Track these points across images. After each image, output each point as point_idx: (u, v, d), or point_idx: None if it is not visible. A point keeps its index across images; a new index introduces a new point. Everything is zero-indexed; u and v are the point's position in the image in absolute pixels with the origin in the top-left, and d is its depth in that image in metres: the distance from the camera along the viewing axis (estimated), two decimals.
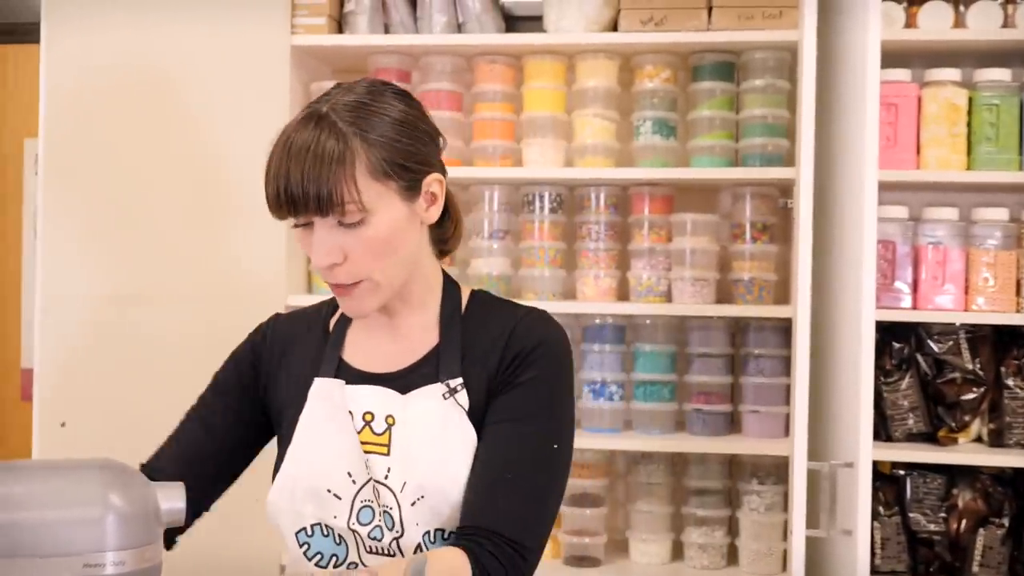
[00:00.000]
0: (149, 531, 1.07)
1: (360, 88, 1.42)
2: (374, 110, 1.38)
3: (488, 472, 1.39)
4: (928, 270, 2.59)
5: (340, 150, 1.33)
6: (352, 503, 1.42)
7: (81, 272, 2.75)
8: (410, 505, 1.40)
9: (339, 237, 1.36)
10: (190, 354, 2.73)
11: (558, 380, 1.46)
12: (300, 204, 1.34)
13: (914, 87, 2.59)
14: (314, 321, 1.58)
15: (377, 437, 1.45)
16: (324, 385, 1.49)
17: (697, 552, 2.74)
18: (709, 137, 2.73)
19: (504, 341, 1.45)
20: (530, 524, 1.39)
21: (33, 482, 1.04)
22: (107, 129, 2.76)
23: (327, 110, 1.37)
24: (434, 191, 1.44)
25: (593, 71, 2.75)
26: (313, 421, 1.48)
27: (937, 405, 2.65)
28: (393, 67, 2.83)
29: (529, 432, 1.42)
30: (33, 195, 3.55)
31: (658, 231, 2.77)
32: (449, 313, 1.50)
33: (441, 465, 1.41)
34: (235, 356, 1.61)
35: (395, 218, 1.38)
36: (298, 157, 1.34)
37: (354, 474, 1.43)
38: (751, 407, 2.73)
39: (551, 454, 1.43)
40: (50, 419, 2.73)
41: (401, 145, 1.38)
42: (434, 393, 1.44)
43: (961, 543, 2.61)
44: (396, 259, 1.41)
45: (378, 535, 1.41)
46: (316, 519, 1.44)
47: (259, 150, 2.75)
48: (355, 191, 1.33)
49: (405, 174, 1.38)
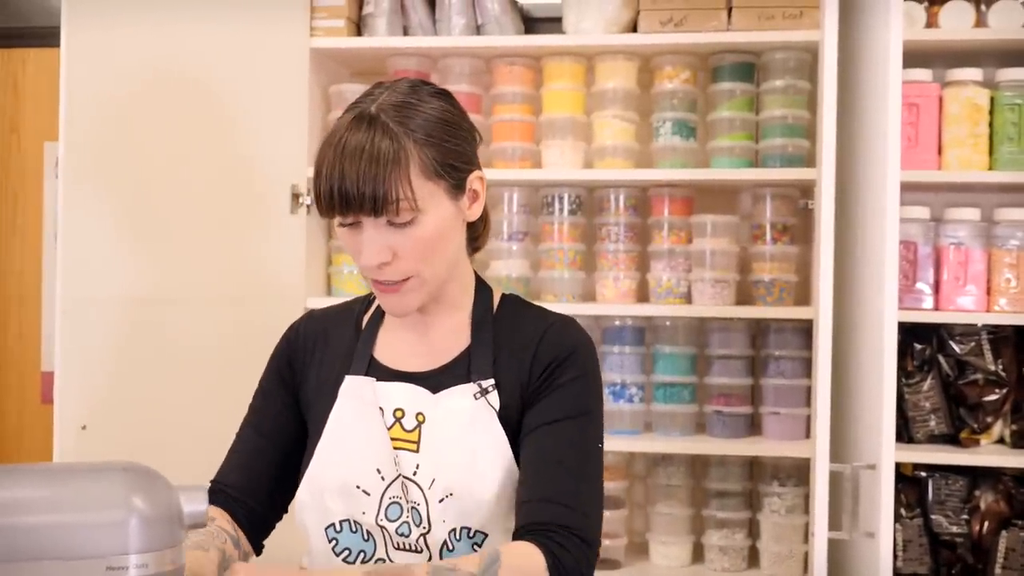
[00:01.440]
0: (172, 534, 1.06)
1: (402, 87, 1.42)
2: (420, 110, 1.39)
3: (546, 470, 1.40)
4: (950, 271, 2.57)
5: (395, 150, 1.35)
6: (380, 499, 1.44)
7: (102, 275, 2.76)
8: (438, 502, 1.41)
9: (389, 236, 1.38)
10: (210, 356, 2.74)
11: (590, 382, 1.47)
12: (354, 203, 1.35)
13: (935, 87, 2.58)
14: (346, 318, 1.59)
15: (407, 434, 1.46)
16: (355, 382, 1.50)
17: (718, 554, 2.73)
18: (729, 138, 2.72)
19: (535, 347, 1.46)
20: (592, 518, 1.41)
21: (56, 485, 1.04)
22: (127, 132, 2.77)
23: (376, 111, 1.38)
24: (476, 188, 1.46)
25: (612, 72, 2.75)
26: (343, 418, 1.49)
27: (959, 406, 2.64)
28: (412, 69, 2.83)
29: (578, 430, 1.44)
30: (52, 198, 3.56)
31: (678, 232, 2.76)
32: (480, 314, 1.51)
33: (470, 464, 1.42)
34: (274, 356, 1.62)
35: (443, 217, 1.40)
36: (353, 157, 1.35)
37: (383, 470, 1.44)
38: (771, 409, 2.72)
39: (596, 453, 1.45)
40: (71, 422, 2.74)
41: (449, 145, 1.40)
42: (465, 393, 1.45)
43: (984, 545, 2.59)
44: (442, 257, 1.43)
45: (406, 531, 1.42)
46: (345, 515, 1.45)
47: (278, 152, 2.78)
48: (409, 191, 1.35)
49: (454, 173, 1.40)
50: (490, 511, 1.41)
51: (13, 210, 3.65)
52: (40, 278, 3.61)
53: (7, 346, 3.64)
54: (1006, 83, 2.57)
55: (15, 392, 3.64)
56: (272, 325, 2.70)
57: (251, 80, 2.75)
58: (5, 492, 1.02)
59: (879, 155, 2.12)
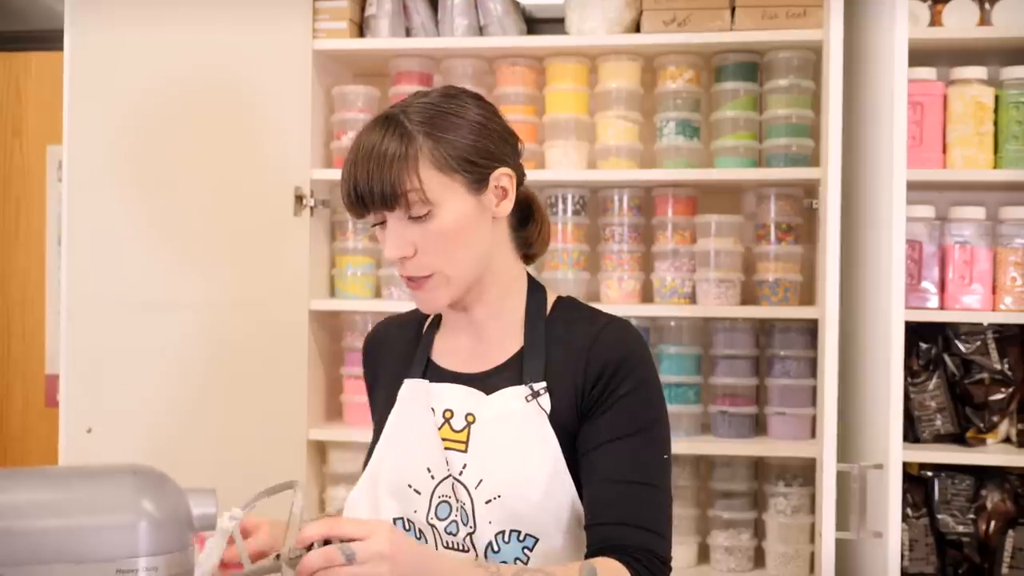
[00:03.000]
0: (181, 537, 1.07)
1: (435, 93, 1.47)
2: (446, 111, 1.43)
3: (618, 491, 1.42)
4: (955, 270, 2.56)
5: (403, 145, 1.39)
6: (431, 498, 1.47)
7: (106, 278, 2.76)
8: (484, 503, 1.43)
9: (409, 231, 1.41)
10: (214, 359, 2.74)
11: (649, 389, 1.48)
12: (368, 200, 1.40)
13: (940, 85, 2.57)
14: (410, 325, 1.64)
15: (456, 434, 1.48)
16: (412, 385, 1.54)
17: (723, 555, 2.73)
18: (733, 138, 2.72)
19: (586, 354, 1.47)
20: (667, 537, 1.44)
21: (66, 488, 1.04)
22: (130, 135, 2.77)
23: (398, 112, 1.43)
24: (503, 185, 1.47)
25: (615, 72, 2.75)
26: (400, 420, 1.53)
27: (965, 406, 2.63)
28: (415, 70, 2.83)
29: (644, 445, 1.45)
30: (55, 201, 3.56)
31: (682, 232, 2.76)
32: (533, 317, 1.52)
33: (519, 466, 1.43)
34: (363, 362, 1.69)
35: (462, 211, 1.42)
36: (364, 158, 1.40)
37: (433, 469, 1.47)
38: (777, 409, 2.71)
39: (665, 465, 1.47)
40: (76, 425, 2.74)
41: (467, 141, 1.42)
42: (517, 395, 1.47)
43: (990, 545, 2.58)
44: (466, 253, 1.44)
45: (454, 530, 1.45)
46: (398, 513, 1.49)
47: (281, 154, 2.78)
48: (417, 182, 1.38)
49: (471, 167, 1.42)
50: (539, 514, 1.42)
51: (16, 213, 3.65)
52: (44, 281, 3.61)
53: (11, 349, 3.64)
54: (1011, 81, 2.56)
55: (19, 395, 3.64)
56: (276, 327, 2.73)
57: (254, 82, 2.75)
58: (14, 495, 1.02)
59: (885, 154, 2.12)
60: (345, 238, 2.87)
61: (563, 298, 1.57)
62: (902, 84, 2.05)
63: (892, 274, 2.07)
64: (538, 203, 1.58)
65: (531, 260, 1.59)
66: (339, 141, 2.84)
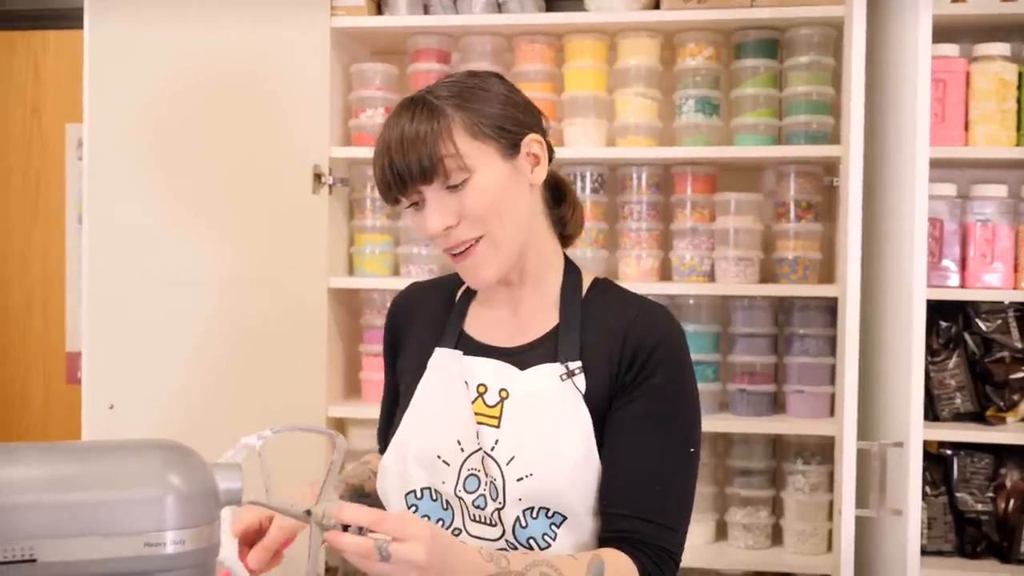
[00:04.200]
0: (208, 511, 1.07)
1: (461, 73, 1.49)
2: (472, 86, 1.45)
3: (639, 482, 1.42)
4: (976, 248, 2.55)
5: (434, 119, 1.40)
6: (460, 470, 1.47)
7: (126, 256, 2.77)
8: (516, 480, 1.42)
9: (450, 200, 1.42)
10: (234, 337, 2.75)
11: (682, 380, 1.47)
12: (406, 176, 1.40)
13: (962, 62, 2.55)
14: (443, 291, 1.63)
15: (489, 409, 1.48)
16: (443, 355, 1.54)
17: (741, 532, 2.73)
18: (752, 115, 2.70)
19: (622, 337, 1.46)
20: (681, 533, 1.45)
21: (95, 463, 1.04)
22: (150, 114, 2.78)
23: (423, 93, 1.44)
24: (535, 152, 1.48)
25: (635, 49, 2.73)
26: (430, 389, 1.53)
27: (985, 384, 2.63)
28: (433, 47, 2.82)
29: (671, 437, 1.45)
30: (74, 179, 3.57)
31: (701, 210, 2.75)
32: (569, 295, 1.52)
33: (551, 444, 1.43)
34: (385, 326, 1.68)
35: (498, 174, 1.43)
36: (397, 139, 1.41)
37: (463, 442, 1.47)
38: (795, 387, 2.71)
39: (689, 459, 1.46)
40: (98, 402, 2.76)
41: (496, 110, 1.44)
42: (552, 372, 1.47)
43: (1009, 523, 2.58)
44: (508, 216, 1.44)
45: (482, 504, 1.45)
46: (426, 483, 1.49)
47: (300, 132, 2.78)
48: (453, 148, 1.39)
49: (504, 134, 1.44)
50: (569, 494, 1.42)
51: (36, 192, 3.66)
52: (64, 259, 3.63)
53: (32, 327, 3.66)
54: None
55: (41, 373, 3.66)
56: (295, 305, 2.74)
57: (272, 60, 2.75)
58: (42, 469, 1.02)
59: (907, 132, 2.11)
60: (363, 216, 2.87)
61: (600, 279, 1.57)
62: (925, 61, 2.03)
63: (915, 252, 2.07)
64: (569, 185, 1.59)
65: (567, 242, 1.59)
66: (357, 119, 2.84)
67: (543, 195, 1.54)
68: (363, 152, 2.79)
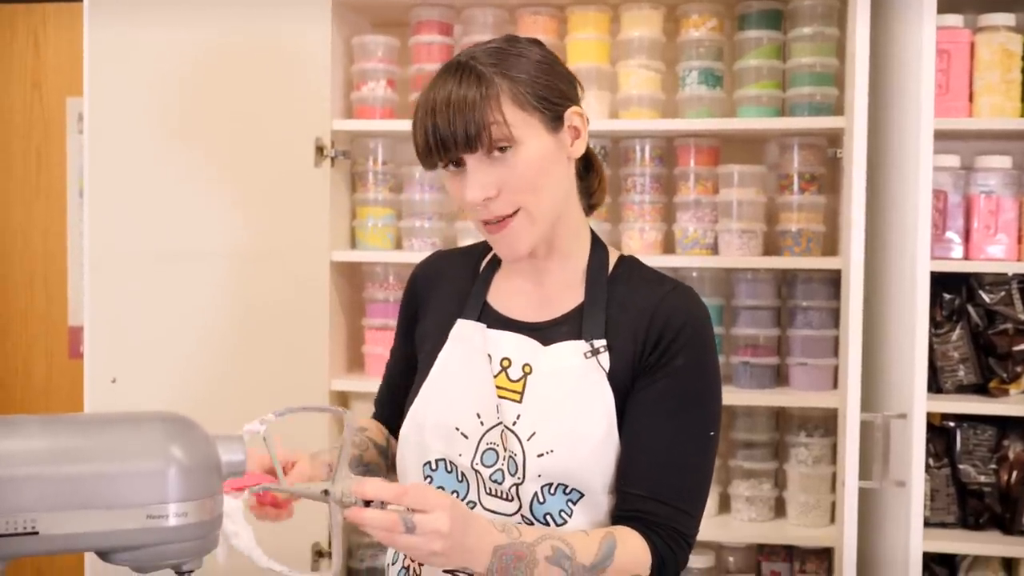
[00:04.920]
0: (210, 483, 1.07)
1: (498, 40, 1.46)
2: (513, 53, 1.42)
3: (657, 463, 1.42)
4: (980, 219, 2.54)
5: (484, 85, 1.38)
6: (478, 444, 1.46)
7: (128, 230, 2.77)
8: (536, 456, 1.42)
9: (491, 171, 1.39)
10: (236, 310, 2.75)
11: (705, 364, 1.46)
12: (450, 143, 1.38)
13: (967, 33, 2.53)
14: (467, 261, 1.62)
15: (512, 383, 1.47)
16: (466, 327, 1.53)
17: (744, 504, 2.74)
18: (756, 87, 2.69)
19: (649, 316, 1.45)
20: (697, 517, 1.45)
21: (97, 435, 1.04)
22: (151, 87, 2.76)
23: (466, 59, 1.42)
24: (576, 125, 1.46)
25: (638, 21, 2.72)
26: (451, 360, 1.52)
27: (988, 356, 2.62)
28: (435, 19, 2.81)
29: (691, 420, 1.44)
30: (75, 153, 3.56)
31: (704, 183, 2.74)
32: (595, 272, 1.51)
33: (574, 422, 1.43)
34: (403, 295, 1.67)
35: (543, 147, 1.41)
36: (444, 105, 1.38)
37: (483, 416, 1.46)
38: (798, 359, 2.71)
39: (708, 443, 1.46)
40: (101, 376, 2.76)
41: (542, 80, 1.41)
42: (576, 350, 1.46)
43: (1012, 495, 2.58)
44: (548, 192, 1.43)
45: (499, 478, 1.44)
46: (442, 455, 1.48)
47: (301, 105, 2.76)
48: (500, 116, 1.37)
49: (549, 106, 1.41)
50: (588, 472, 1.42)
51: (37, 166, 3.65)
52: (65, 233, 3.62)
53: (34, 302, 3.66)
54: None
55: (43, 347, 3.67)
56: (297, 278, 2.74)
57: (274, 32, 2.73)
58: (44, 441, 1.02)
59: (911, 103, 2.10)
60: (366, 189, 2.87)
61: (626, 257, 1.56)
62: (930, 32, 2.02)
63: (918, 224, 2.06)
64: (595, 155, 1.57)
65: (591, 211, 1.58)
66: (359, 92, 2.82)
67: (576, 165, 1.52)
68: (365, 125, 2.78)
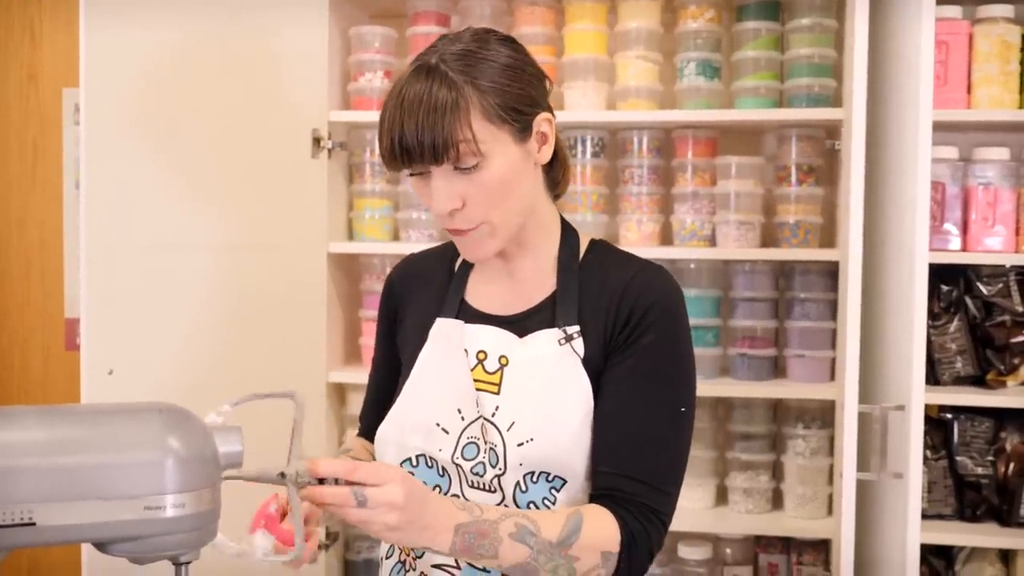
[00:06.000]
0: (208, 474, 1.07)
1: (466, 37, 1.43)
2: (482, 57, 1.39)
3: (629, 441, 1.41)
4: (978, 211, 2.54)
5: (453, 98, 1.35)
6: (458, 438, 1.46)
7: (124, 221, 2.76)
8: (516, 446, 1.42)
9: (457, 183, 1.39)
10: (233, 302, 2.75)
11: (676, 341, 1.46)
12: (415, 154, 1.36)
13: (965, 24, 2.53)
14: (441, 262, 1.62)
15: (489, 376, 1.48)
16: (444, 325, 1.54)
17: (742, 496, 2.74)
18: (754, 78, 2.68)
19: (619, 296, 1.46)
20: (672, 495, 1.45)
21: (94, 426, 1.04)
22: (148, 78, 2.75)
23: (436, 61, 1.39)
24: (544, 131, 1.45)
25: (635, 12, 2.71)
26: (431, 359, 1.53)
27: (986, 348, 2.62)
28: (432, 10, 2.80)
29: (659, 400, 1.44)
30: (72, 145, 3.55)
31: (702, 174, 2.74)
32: (567, 259, 1.51)
33: (551, 409, 1.43)
34: (380, 302, 1.68)
35: (510, 161, 1.40)
36: (411, 109, 1.36)
37: (463, 410, 1.47)
38: (796, 351, 2.71)
39: (680, 419, 1.45)
40: (98, 368, 2.76)
41: (512, 89, 1.40)
42: (551, 338, 1.46)
43: (1009, 486, 2.58)
44: (513, 203, 1.43)
45: (480, 471, 1.44)
46: (421, 451, 1.48)
47: (298, 96, 2.75)
48: (470, 134, 1.35)
49: (518, 116, 1.40)
50: (569, 457, 1.42)
51: (33, 157, 3.64)
52: (61, 225, 3.61)
53: (30, 293, 3.65)
54: None
55: (39, 339, 3.66)
56: (294, 270, 2.73)
57: (270, 23, 2.72)
58: (41, 432, 1.02)
59: (910, 95, 2.09)
60: (363, 180, 2.86)
61: (596, 241, 1.56)
62: (929, 23, 2.02)
63: (916, 215, 2.06)
64: (560, 140, 1.56)
65: (556, 199, 1.58)
66: (356, 83, 2.82)
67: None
68: (362, 116, 2.77)
